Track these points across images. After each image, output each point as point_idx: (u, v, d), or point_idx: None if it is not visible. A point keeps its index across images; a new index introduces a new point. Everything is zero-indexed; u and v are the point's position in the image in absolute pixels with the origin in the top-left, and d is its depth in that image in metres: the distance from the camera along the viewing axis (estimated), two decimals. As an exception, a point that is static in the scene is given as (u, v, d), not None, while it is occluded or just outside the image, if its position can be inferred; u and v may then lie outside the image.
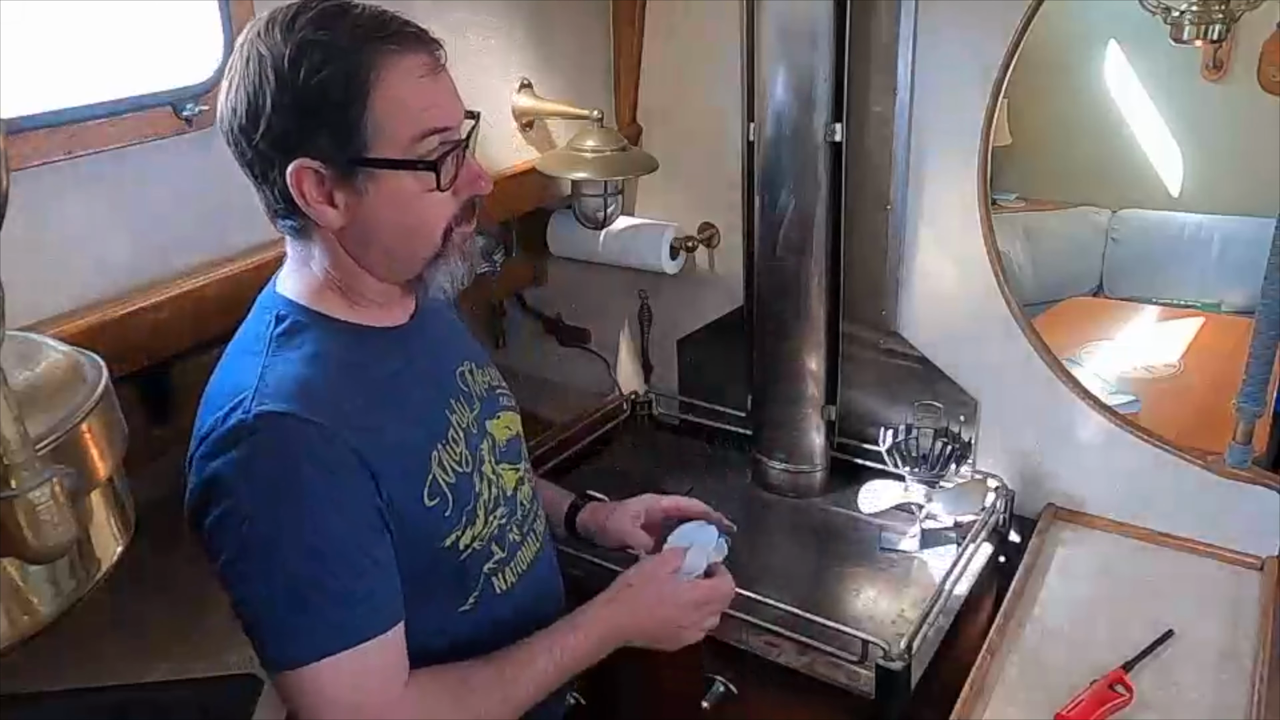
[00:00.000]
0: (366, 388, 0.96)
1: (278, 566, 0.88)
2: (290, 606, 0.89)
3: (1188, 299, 3.38)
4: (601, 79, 1.88)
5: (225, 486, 0.88)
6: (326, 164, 0.89)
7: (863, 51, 1.58)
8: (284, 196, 0.91)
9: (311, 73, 0.86)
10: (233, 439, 0.88)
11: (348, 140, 0.88)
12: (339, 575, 0.90)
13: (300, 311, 0.97)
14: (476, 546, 1.03)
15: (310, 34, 0.86)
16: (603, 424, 1.98)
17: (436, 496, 0.98)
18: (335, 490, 0.90)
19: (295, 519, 0.88)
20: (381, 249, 0.96)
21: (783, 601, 1.40)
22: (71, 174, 1.10)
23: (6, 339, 0.52)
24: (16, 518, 0.52)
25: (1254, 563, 1.51)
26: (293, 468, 0.88)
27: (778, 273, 1.67)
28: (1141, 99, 3.42)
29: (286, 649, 0.89)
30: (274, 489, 0.88)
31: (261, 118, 0.87)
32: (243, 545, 0.88)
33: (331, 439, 0.89)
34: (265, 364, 0.92)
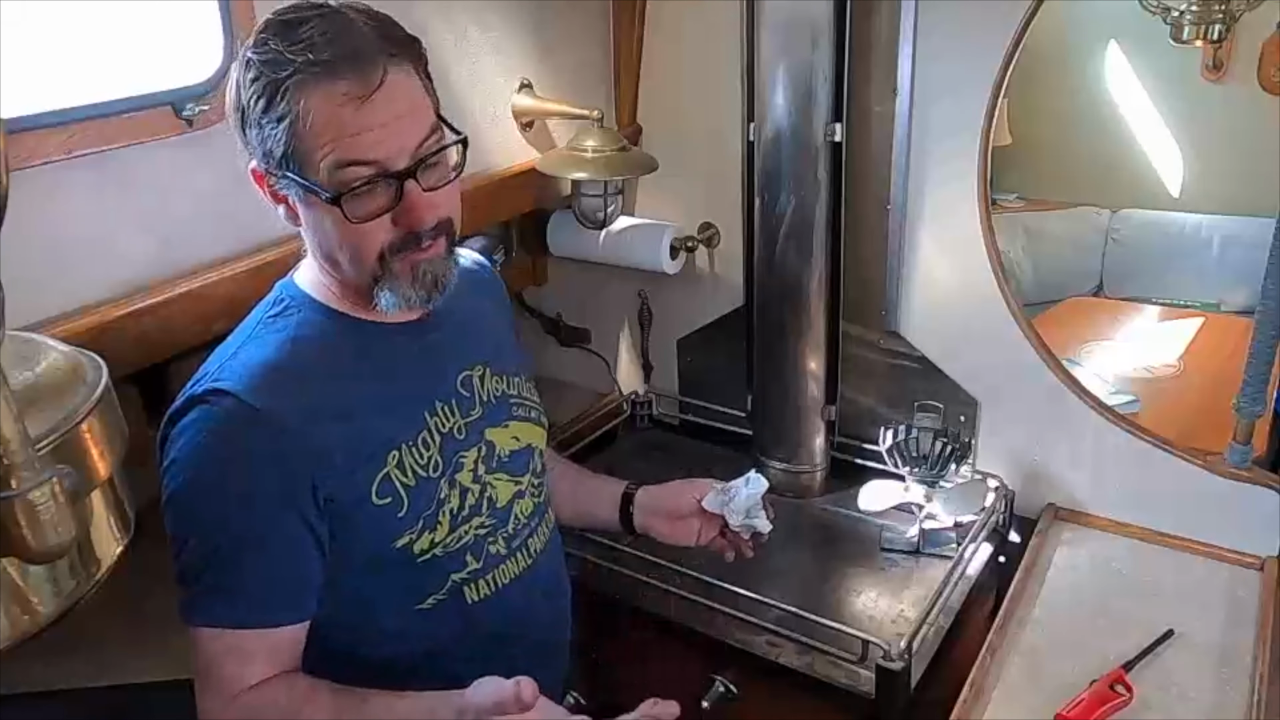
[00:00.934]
0: (336, 377, 0.99)
1: (185, 532, 0.95)
2: (188, 570, 0.95)
3: (1188, 299, 3.39)
4: (601, 79, 1.88)
5: (165, 449, 0.95)
6: (269, 173, 0.93)
7: (863, 51, 1.58)
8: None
9: (249, 85, 0.89)
10: (182, 408, 0.95)
11: (273, 155, 0.91)
12: (228, 562, 0.94)
13: (299, 295, 1.02)
14: (438, 553, 1.02)
15: (254, 50, 0.89)
16: (603, 424, 1.98)
17: (388, 496, 0.98)
18: (252, 482, 0.93)
19: (204, 498, 0.94)
20: (329, 259, 0.98)
21: (783, 601, 1.40)
22: (71, 174, 1.10)
23: (6, 339, 0.52)
24: (16, 518, 0.52)
25: (1254, 563, 1.51)
26: (216, 449, 0.93)
27: (778, 273, 1.67)
28: (1141, 99, 3.43)
29: (188, 606, 0.95)
30: (195, 464, 0.93)
31: (233, 117, 0.94)
32: (166, 502, 0.95)
33: (268, 427, 0.93)
34: (242, 344, 0.98)
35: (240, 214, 1.35)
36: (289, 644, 0.98)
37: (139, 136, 1.17)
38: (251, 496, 0.93)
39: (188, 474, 0.94)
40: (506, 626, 1.10)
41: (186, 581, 0.95)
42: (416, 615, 1.04)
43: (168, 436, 0.96)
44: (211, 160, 1.27)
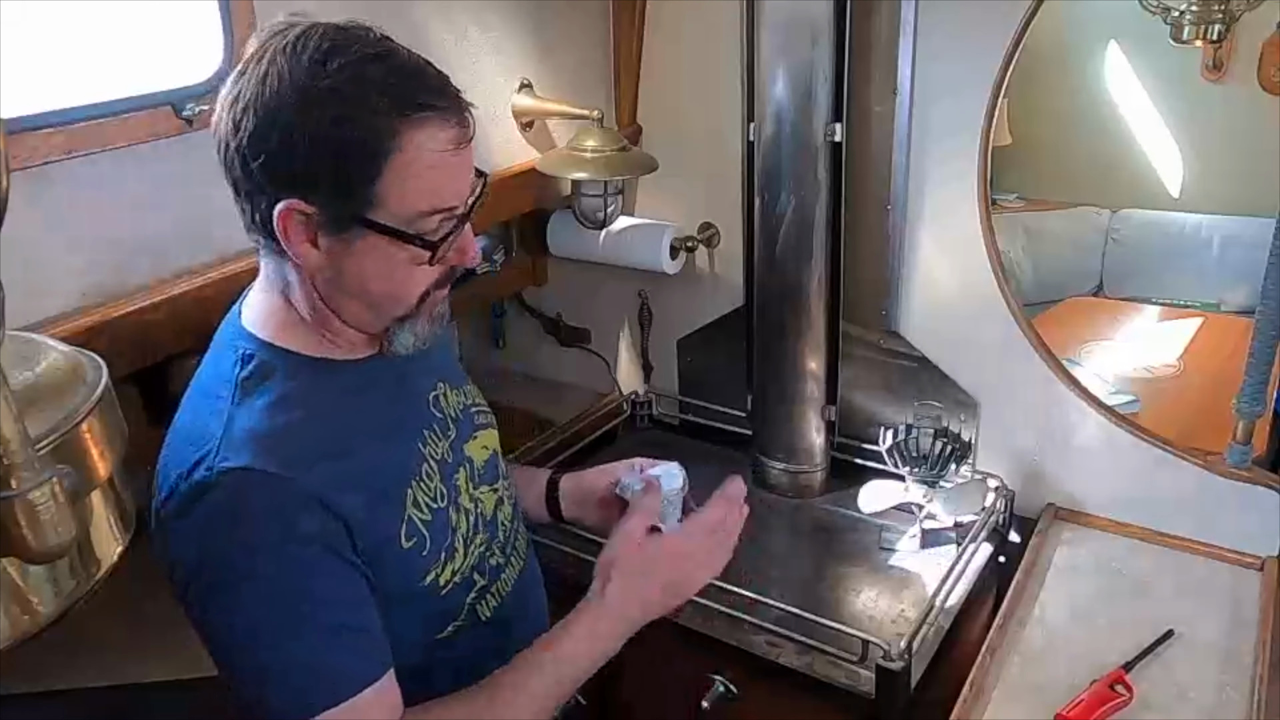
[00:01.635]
0: (335, 430, 0.92)
1: (260, 634, 0.85)
2: (277, 672, 0.86)
3: (1188, 299, 3.38)
4: (601, 79, 1.88)
5: (194, 555, 0.86)
6: (320, 211, 0.85)
7: (863, 51, 1.58)
8: (262, 223, 0.87)
9: (333, 124, 0.81)
10: (197, 496, 0.85)
11: (350, 197, 0.84)
12: (321, 633, 0.87)
13: (266, 350, 0.93)
14: (457, 580, 1.01)
15: (340, 82, 0.81)
16: (603, 424, 1.98)
17: (414, 537, 0.95)
18: (304, 547, 0.86)
19: (268, 583, 0.85)
20: (354, 300, 0.92)
21: (783, 601, 1.40)
22: (71, 174, 1.10)
23: (6, 339, 0.52)
24: (16, 518, 0.52)
25: (1254, 563, 1.51)
26: (260, 529, 0.85)
27: (778, 273, 1.67)
28: (1141, 99, 3.42)
29: (283, 714, 0.86)
30: (243, 554, 0.85)
31: (266, 149, 0.82)
32: (222, 618, 0.86)
33: (297, 493, 0.86)
34: (230, 413, 0.88)
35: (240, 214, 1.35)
36: (392, 693, 0.91)
37: (139, 136, 1.17)
38: (313, 561, 0.87)
39: (242, 571, 0.85)
40: (513, 629, 1.09)
41: (277, 686, 0.85)
42: (437, 645, 1.01)
43: (185, 546, 0.87)
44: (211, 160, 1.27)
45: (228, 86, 0.86)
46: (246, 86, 0.83)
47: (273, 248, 0.89)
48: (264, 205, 0.85)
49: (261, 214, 0.86)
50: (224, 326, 0.98)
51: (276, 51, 0.83)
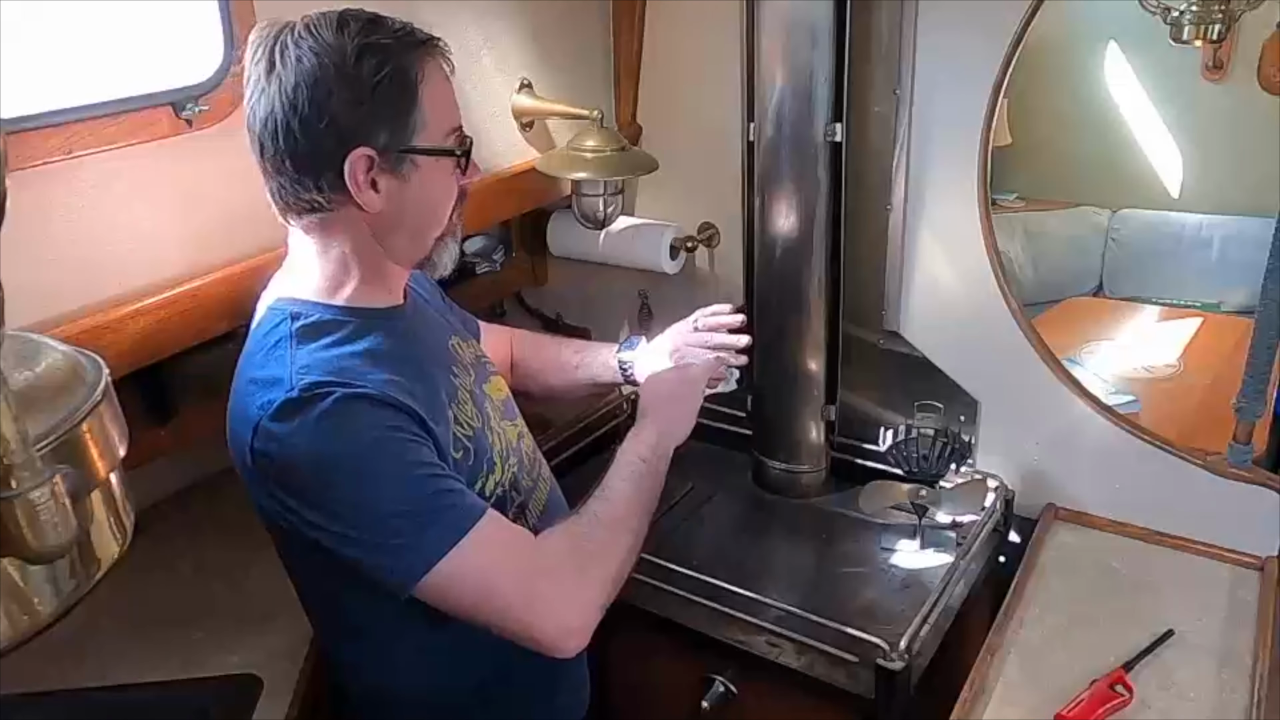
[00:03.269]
0: (385, 361, 1.01)
1: (374, 499, 0.95)
2: (400, 525, 0.95)
3: (1188, 299, 3.38)
4: (601, 79, 1.88)
5: (306, 461, 0.94)
6: (380, 153, 0.98)
7: (863, 51, 1.58)
8: (328, 186, 0.98)
9: (374, 71, 0.95)
10: (287, 413, 0.94)
11: (401, 132, 0.99)
12: (427, 486, 0.97)
13: (312, 308, 1.03)
14: (499, 492, 1.13)
15: (367, 39, 0.96)
16: (603, 424, 1.97)
17: (460, 449, 1.07)
18: (394, 431, 0.97)
19: (372, 456, 0.95)
20: (407, 231, 1.05)
21: (783, 601, 1.40)
22: (71, 174, 1.10)
23: (6, 339, 0.52)
24: (16, 518, 0.52)
25: (1254, 563, 1.51)
26: (354, 425, 0.95)
27: (778, 273, 1.67)
28: (1141, 99, 3.42)
29: (415, 559, 0.95)
30: (349, 446, 0.94)
31: (326, 110, 0.94)
32: (336, 498, 0.95)
33: (371, 396, 0.96)
34: (291, 355, 0.98)
35: (240, 214, 1.35)
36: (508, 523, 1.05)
37: (139, 136, 1.17)
38: (404, 432, 0.97)
39: (347, 451, 0.95)
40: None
41: (401, 537, 0.95)
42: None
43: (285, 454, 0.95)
44: (211, 160, 1.27)
45: (257, 85, 0.97)
46: (285, 73, 0.95)
47: (320, 220, 1.01)
48: (331, 166, 0.97)
49: (328, 179, 0.98)
50: (265, 309, 1.08)
51: (291, 41, 0.95)
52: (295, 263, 1.08)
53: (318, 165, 0.97)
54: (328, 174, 0.97)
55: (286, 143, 0.96)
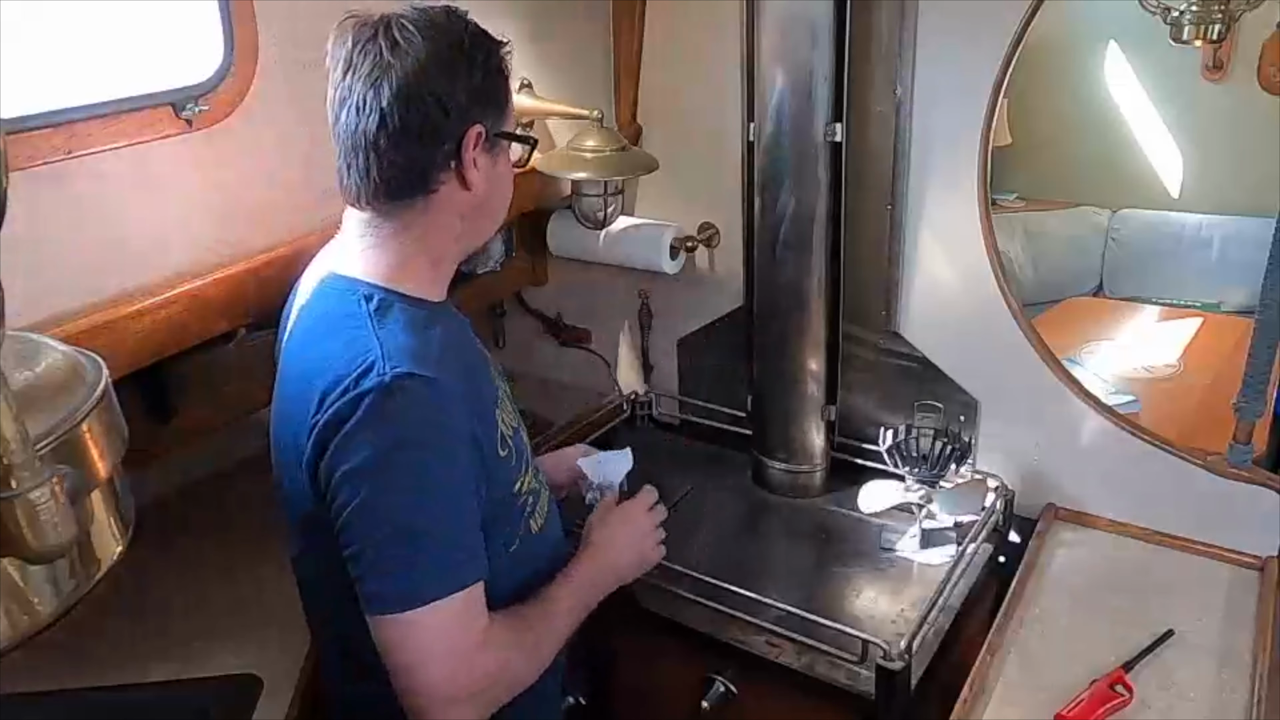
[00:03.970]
0: (449, 353, 1.04)
1: (401, 511, 0.97)
2: (407, 550, 0.97)
3: (1188, 299, 3.38)
4: (601, 79, 1.88)
5: (363, 438, 0.95)
6: (485, 131, 1.04)
7: (863, 51, 1.58)
8: (442, 160, 1.02)
9: (485, 57, 1.03)
10: (371, 395, 0.95)
11: (498, 116, 1.06)
12: (452, 524, 0.99)
13: (380, 291, 1.05)
14: (528, 492, 1.15)
15: (474, 30, 1.03)
16: (603, 424, 1.98)
17: (506, 448, 1.09)
18: (453, 446, 1.00)
19: (422, 470, 0.97)
20: (491, 213, 1.12)
21: (783, 601, 1.40)
22: (71, 174, 1.10)
23: (6, 339, 0.52)
24: (16, 518, 0.52)
25: (1254, 563, 1.51)
26: (425, 423, 0.98)
27: (778, 273, 1.67)
28: (1141, 99, 3.42)
29: (401, 590, 0.96)
30: (408, 441, 0.96)
31: (454, 86, 1.00)
32: (372, 490, 0.96)
33: (451, 396, 0.99)
34: (377, 333, 0.99)
35: (240, 214, 1.35)
36: (483, 597, 1.03)
37: (139, 136, 1.17)
38: (456, 460, 1.00)
39: (403, 454, 0.96)
40: (550, 542, 1.22)
41: (403, 562, 0.97)
42: (508, 557, 1.12)
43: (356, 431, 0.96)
44: (211, 160, 1.27)
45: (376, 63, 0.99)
46: (410, 50, 0.98)
47: (410, 202, 1.04)
48: (451, 137, 1.01)
49: (445, 150, 1.02)
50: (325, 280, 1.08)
51: (407, 24, 0.99)
52: (355, 245, 1.08)
53: (440, 137, 1.01)
54: (447, 145, 1.02)
55: (415, 114, 0.99)
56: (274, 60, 1.35)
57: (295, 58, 1.36)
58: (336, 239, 1.12)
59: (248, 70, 1.31)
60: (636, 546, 1.28)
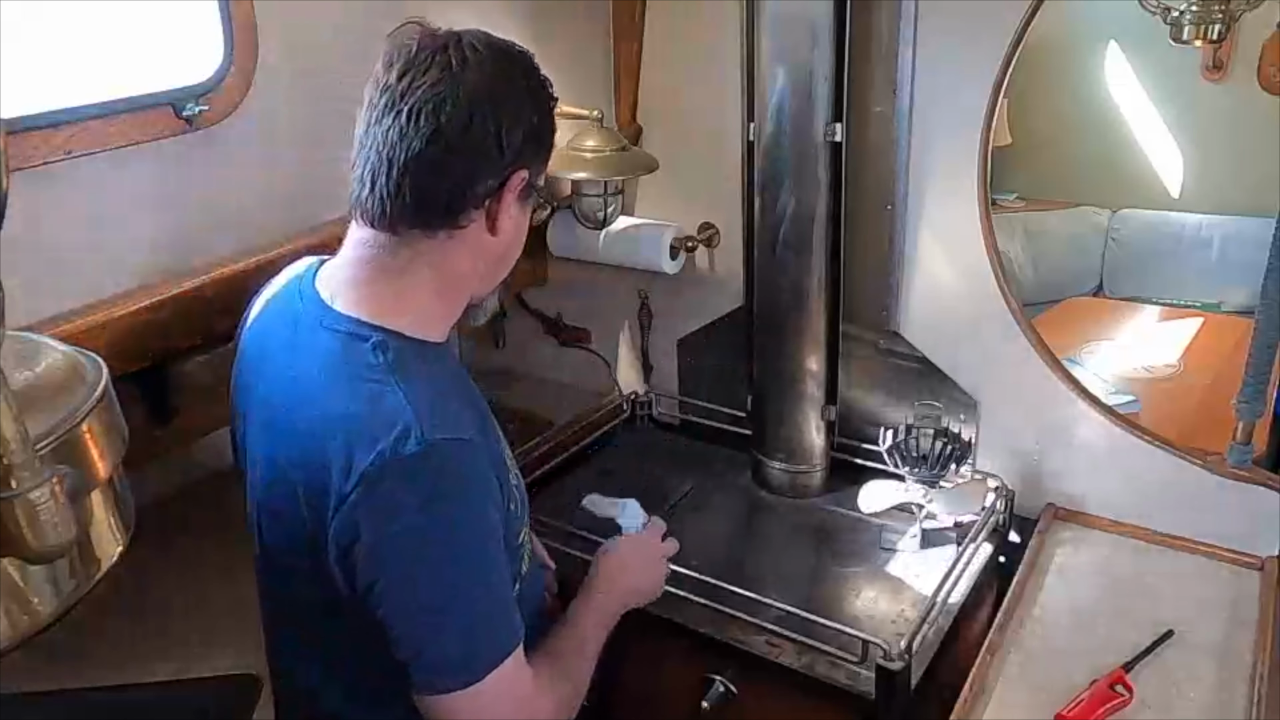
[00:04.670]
0: (467, 406, 1.01)
1: (450, 579, 0.92)
2: (461, 620, 0.94)
3: (1188, 299, 3.38)
4: (601, 79, 1.88)
5: (401, 509, 0.90)
6: (528, 181, 0.98)
7: (863, 51, 1.58)
8: (480, 196, 0.94)
9: (548, 100, 0.99)
10: (412, 465, 0.89)
11: (539, 168, 1.00)
12: (496, 586, 0.97)
13: (390, 336, 0.96)
14: (525, 537, 1.12)
15: (539, 66, 0.99)
16: (603, 424, 1.98)
17: (513, 501, 1.05)
18: (491, 509, 0.96)
19: (466, 535, 0.93)
20: (505, 267, 1.07)
21: (783, 601, 1.40)
22: (71, 174, 1.10)
23: (6, 339, 0.52)
24: (16, 518, 0.52)
25: (1254, 563, 1.51)
26: (466, 489, 0.93)
27: (778, 273, 1.67)
28: (1141, 99, 3.42)
29: (460, 664, 0.94)
30: (450, 507, 0.92)
31: (520, 121, 0.94)
32: (417, 562, 0.91)
33: (482, 453, 0.96)
34: (404, 391, 0.91)
35: (239, 214, 1.35)
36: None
37: (139, 136, 1.17)
38: (495, 523, 0.97)
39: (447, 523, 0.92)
40: (537, 578, 1.22)
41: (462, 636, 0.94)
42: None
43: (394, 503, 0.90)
44: (211, 160, 1.27)
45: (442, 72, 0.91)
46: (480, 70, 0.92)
47: (460, 233, 0.96)
48: (496, 175, 0.95)
49: (489, 186, 0.95)
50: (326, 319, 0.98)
51: (477, 44, 0.93)
52: (358, 272, 0.98)
53: (489, 170, 0.94)
54: (491, 182, 0.94)
55: (473, 139, 0.91)
56: (274, 60, 1.35)
57: (295, 58, 1.37)
58: (333, 260, 1.02)
59: (247, 70, 1.31)
60: (653, 570, 1.29)
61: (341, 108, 1.50)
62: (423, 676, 0.95)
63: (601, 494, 1.46)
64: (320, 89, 1.45)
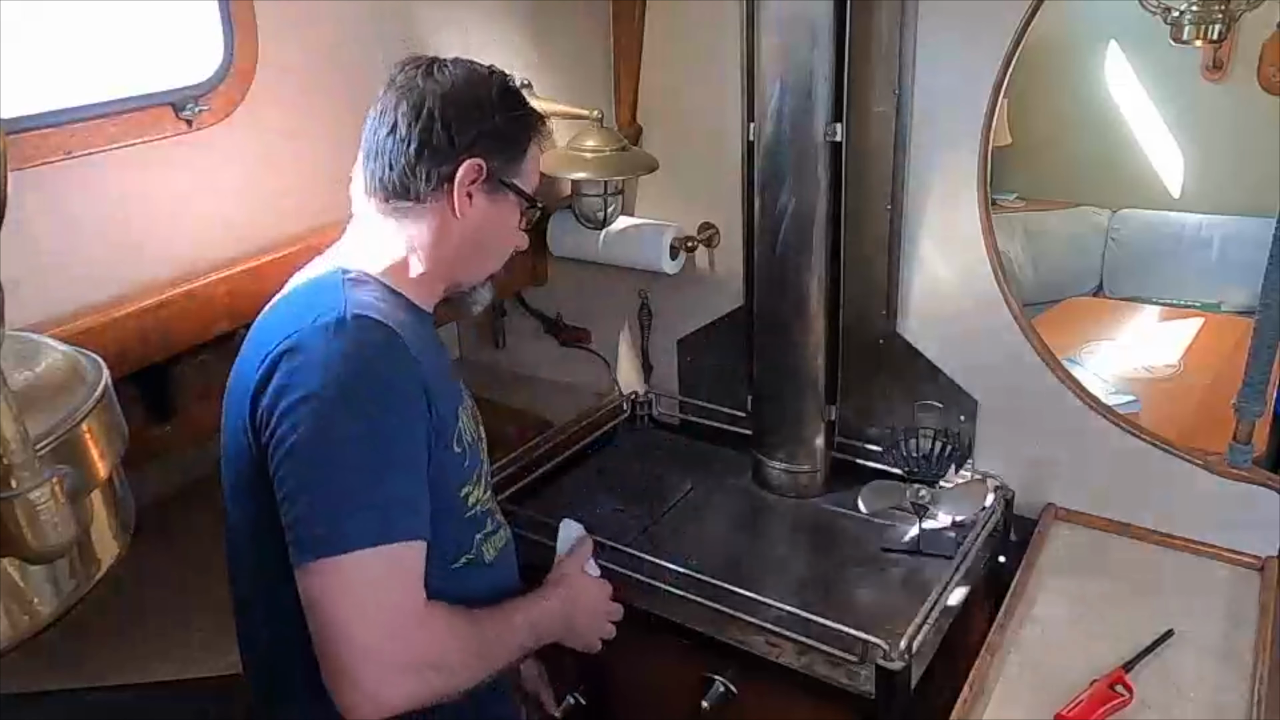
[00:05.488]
0: (418, 341, 1.05)
1: (346, 451, 0.95)
2: (349, 491, 0.95)
3: (1188, 299, 3.38)
4: (601, 79, 1.88)
5: (312, 371, 0.96)
6: (488, 170, 1.09)
7: (863, 51, 1.58)
8: (436, 179, 1.07)
9: (509, 108, 1.11)
10: (327, 332, 0.97)
11: (508, 165, 1.12)
12: (397, 472, 0.98)
13: (365, 274, 1.09)
14: (478, 510, 1.14)
15: (509, 85, 1.13)
16: (603, 424, 1.98)
17: (461, 446, 1.09)
18: (406, 396, 1.00)
19: (372, 411, 0.97)
20: (484, 254, 1.16)
21: (783, 601, 1.39)
22: (71, 174, 1.10)
23: (6, 339, 0.52)
24: (16, 518, 0.52)
25: (1254, 563, 1.51)
26: (378, 363, 0.99)
27: (778, 273, 1.67)
28: (1141, 99, 3.42)
29: (337, 532, 0.93)
30: (359, 379, 0.97)
31: (467, 117, 1.07)
32: (317, 426, 0.95)
33: (409, 352, 1.00)
34: (347, 294, 1.02)
35: (239, 214, 1.35)
36: (423, 562, 1.00)
37: (139, 136, 1.17)
38: (409, 411, 0.99)
39: (353, 391, 0.96)
40: (502, 576, 1.21)
41: (343, 503, 0.95)
42: (451, 574, 1.10)
43: (305, 365, 0.96)
44: (210, 160, 1.27)
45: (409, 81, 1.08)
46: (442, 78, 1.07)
47: (408, 207, 1.09)
48: (448, 161, 1.07)
49: (441, 171, 1.07)
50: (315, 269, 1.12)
51: (449, 62, 1.09)
52: (350, 238, 1.13)
53: (438, 157, 1.07)
54: (443, 168, 1.07)
55: (424, 128, 1.06)
56: (274, 61, 1.35)
57: (295, 58, 1.37)
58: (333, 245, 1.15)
59: (248, 70, 1.31)
60: (596, 616, 1.28)
61: (340, 108, 1.51)
62: (292, 542, 0.95)
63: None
64: (319, 89, 1.45)
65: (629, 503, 1.75)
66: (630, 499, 1.76)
